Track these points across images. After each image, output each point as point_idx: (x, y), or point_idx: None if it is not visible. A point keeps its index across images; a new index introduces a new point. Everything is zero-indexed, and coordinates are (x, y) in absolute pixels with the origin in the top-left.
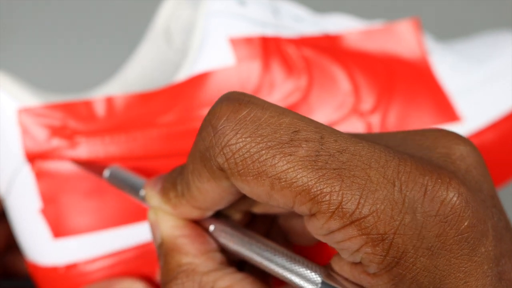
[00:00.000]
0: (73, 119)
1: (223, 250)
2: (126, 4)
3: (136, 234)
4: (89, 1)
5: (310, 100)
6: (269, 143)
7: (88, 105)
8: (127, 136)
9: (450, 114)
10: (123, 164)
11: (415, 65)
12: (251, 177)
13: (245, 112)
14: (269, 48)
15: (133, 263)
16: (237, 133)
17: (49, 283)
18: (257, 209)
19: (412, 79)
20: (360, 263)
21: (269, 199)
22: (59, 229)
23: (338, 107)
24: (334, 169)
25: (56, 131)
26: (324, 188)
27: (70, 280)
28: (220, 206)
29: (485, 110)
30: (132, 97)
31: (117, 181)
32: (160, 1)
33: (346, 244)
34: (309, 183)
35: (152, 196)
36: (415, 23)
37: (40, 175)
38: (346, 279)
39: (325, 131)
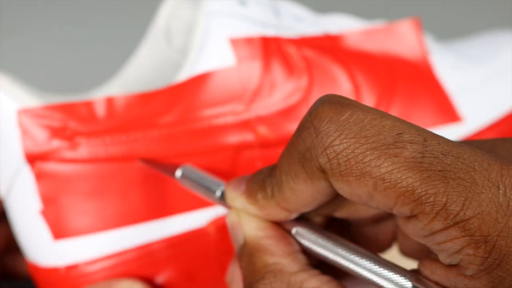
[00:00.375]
0: (73, 120)
1: (304, 252)
2: (126, 4)
3: (137, 235)
4: (89, 1)
5: (311, 101)
6: (373, 144)
7: (88, 105)
8: (128, 136)
9: (451, 114)
10: (124, 165)
11: (416, 65)
12: (353, 178)
13: (348, 114)
14: (270, 48)
15: (134, 264)
16: (341, 134)
17: (49, 284)
18: (339, 214)
19: (413, 79)
20: (457, 265)
21: (369, 199)
22: (59, 231)
23: None
24: (439, 171)
25: (56, 132)
26: (429, 190)
27: (70, 281)
28: (309, 208)
29: (485, 110)
30: (132, 98)
31: (189, 182)
32: (160, 1)
33: (447, 245)
34: (414, 184)
35: (234, 197)
36: (416, 23)
37: (40, 176)
38: (436, 283)
39: (427, 134)
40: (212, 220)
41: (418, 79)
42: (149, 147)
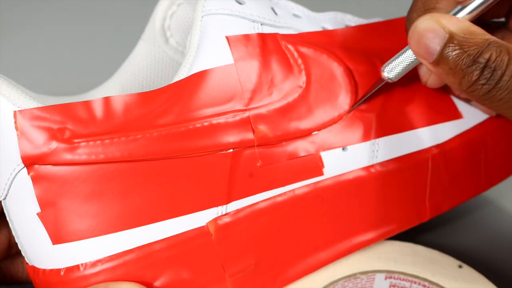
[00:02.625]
0: (71, 121)
1: None
2: (123, 4)
3: (137, 237)
4: (85, 2)
5: (310, 98)
6: None
7: (86, 106)
8: (127, 137)
9: (452, 111)
10: (124, 166)
11: None
12: None
13: None
14: (268, 46)
15: (135, 265)
16: None
17: (49, 286)
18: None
19: (412, 75)
20: None
21: None
22: (58, 234)
23: (338, 105)
24: None
25: (54, 134)
26: None
27: (70, 284)
28: None
29: (482, 106)
30: (131, 98)
31: (399, 72)
32: (157, 0)
33: None
34: None
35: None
36: None
37: (38, 179)
38: None
39: None
40: (212, 220)
41: (417, 75)
42: (149, 147)
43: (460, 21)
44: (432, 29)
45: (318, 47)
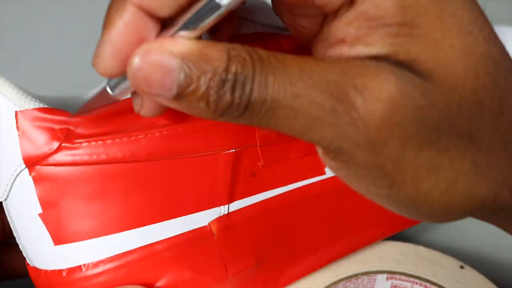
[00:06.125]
0: (72, 121)
1: None
2: None
3: (140, 237)
4: (86, 2)
5: None
6: None
7: None
8: (129, 137)
9: None
10: (126, 167)
11: None
12: None
13: None
14: (269, 47)
15: (137, 265)
16: None
17: (51, 287)
18: None
19: None
20: None
21: None
22: (60, 235)
23: None
24: None
25: (55, 134)
26: None
27: (73, 284)
28: None
29: None
30: (131, 98)
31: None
32: None
33: None
34: None
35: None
36: None
37: (39, 180)
38: None
39: None
40: (214, 220)
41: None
42: (151, 147)
43: (187, 40)
44: (159, 63)
45: None
